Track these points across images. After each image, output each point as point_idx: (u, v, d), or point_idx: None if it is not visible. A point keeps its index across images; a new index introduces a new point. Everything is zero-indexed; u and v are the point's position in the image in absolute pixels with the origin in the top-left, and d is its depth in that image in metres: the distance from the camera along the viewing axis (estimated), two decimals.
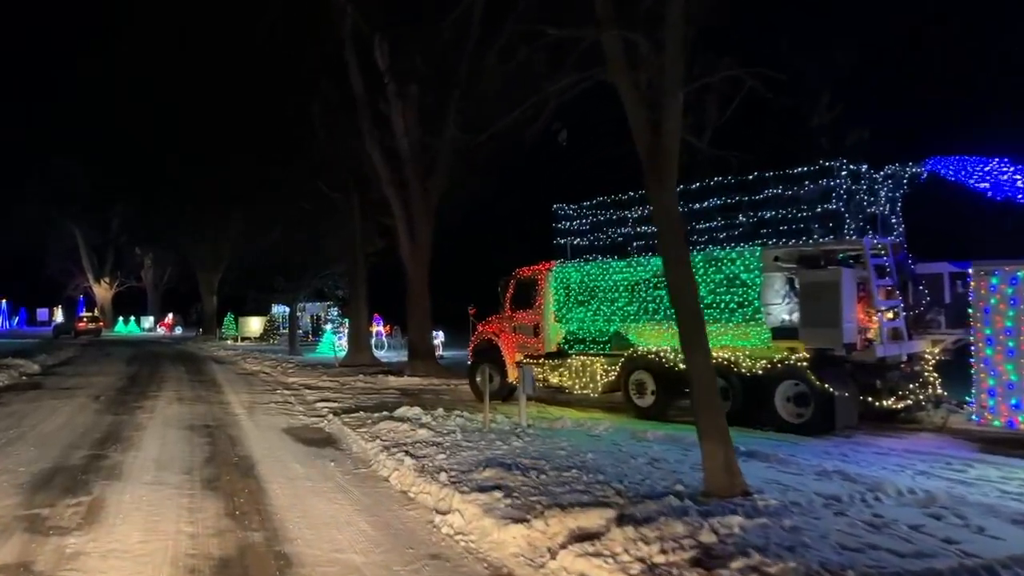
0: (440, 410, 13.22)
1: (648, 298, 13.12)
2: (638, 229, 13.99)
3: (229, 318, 49.57)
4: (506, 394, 15.62)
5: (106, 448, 11.14)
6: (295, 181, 26.72)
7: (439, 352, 29.52)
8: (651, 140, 7.27)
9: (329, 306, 40.71)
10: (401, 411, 13.18)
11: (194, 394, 18.48)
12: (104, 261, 70.98)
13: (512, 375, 15.38)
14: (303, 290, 32.08)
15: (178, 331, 62.83)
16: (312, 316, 42.82)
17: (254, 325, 48.10)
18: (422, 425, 11.77)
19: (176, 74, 29.76)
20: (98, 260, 70.77)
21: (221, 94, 26.92)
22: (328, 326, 34.67)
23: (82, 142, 55.65)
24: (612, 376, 13.43)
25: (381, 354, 30.31)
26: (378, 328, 32.16)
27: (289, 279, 31.55)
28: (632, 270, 13.45)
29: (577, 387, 13.79)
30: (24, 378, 23.02)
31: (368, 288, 25.99)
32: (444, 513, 7.38)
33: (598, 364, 13.63)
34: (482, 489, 7.65)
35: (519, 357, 15.42)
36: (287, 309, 43.62)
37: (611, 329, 13.81)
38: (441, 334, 29.37)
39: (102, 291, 71.11)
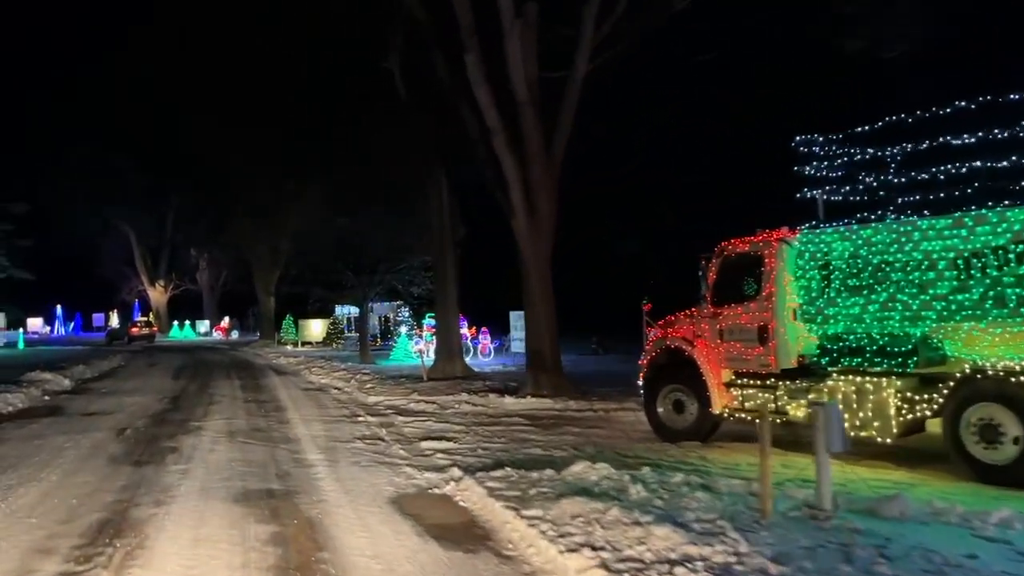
0: (646, 471, 8.11)
1: (1000, 280, 7.82)
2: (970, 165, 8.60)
3: (288, 321, 45.38)
4: (708, 431, 10.50)
5: (93, 559, 6.31)
6: (369, 155, 22.06)
7: None
8: None
9: (399, 306, 36.04)
10: (578, 470, 8.12)
11: (250, 424, 13.75)
12: (159, 263, 67.94)
13: (720, 402, 10.21)
14: (375, 287, 27.39)
15: (234, 335, 59.25)
16: (380, 317, 38.23)
17: (315, 328, 43.85)
18: (637, 506, 6.69)
19: (230, 43, 25.54)
20: (152, 262, 67.76)
21: (282, 55, 22.42)
22: (402, 329, 29.95)
23: (135, 136, 52.55)
24: (923, 410, 8.17)
25: (470, 362, 25.51)
26: (464, 331, 27.25)
27: (359, 274, 26.88)
28: (966, 234, 8.13)
29: (852, 426, 8.52)
30: (46, 399, 18.70)
31: (459, 284, 21.09)
32: None
33: (892, 390, 8.38)
34: None
35: (729, 375, 10.25)
36: (351, 310, 39.19)
37: (917, 332, 8.51)
38: None
39: (157, 294, 68.08)
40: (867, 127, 9.62)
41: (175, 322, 65.14)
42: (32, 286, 64.72)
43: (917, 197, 9.30)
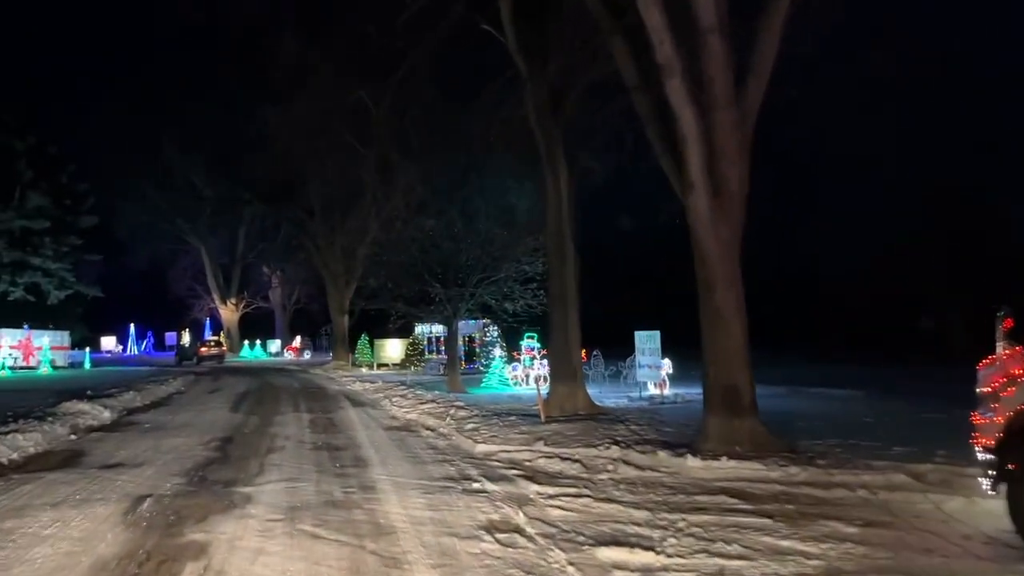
0: None
1: None
2: None
3: (363, 341, 41.73)
4: None
5: None
6: (468, 135, 17.99)
7: (664, 390, 19.80)
8: None
9: (486, 325, 31.73)
10: None
11: (320, 493, 9.47)
12: (230, 280, 65.60)
13: None
14: (466, 302, 23.13)
15: (306, 356, 56.08)
16: (464, 338, 33.98)
17: (393, 349, 40.03)
18: None
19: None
20: (224, 279, 65.47)
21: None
22: (495, 352, 25.57)
23: (206, 144, 50.37)
24: None
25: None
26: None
27: (448, 287, 22.66)
28: None
29: None
30: (72, 438, 14.92)
31: (581, 298, 16.58)
32: None
33: None
34: None
35: None
36: (432, 329, 35.12)
37: None
38: (666, 362, 19.63)
39: (228, 313, 65.73)
40: None
41: (246, 341, 62.49)
42: (105, 304, 63.41)
43: None
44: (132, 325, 73.03)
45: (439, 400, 20.30)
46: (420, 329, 36.11)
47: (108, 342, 72.99)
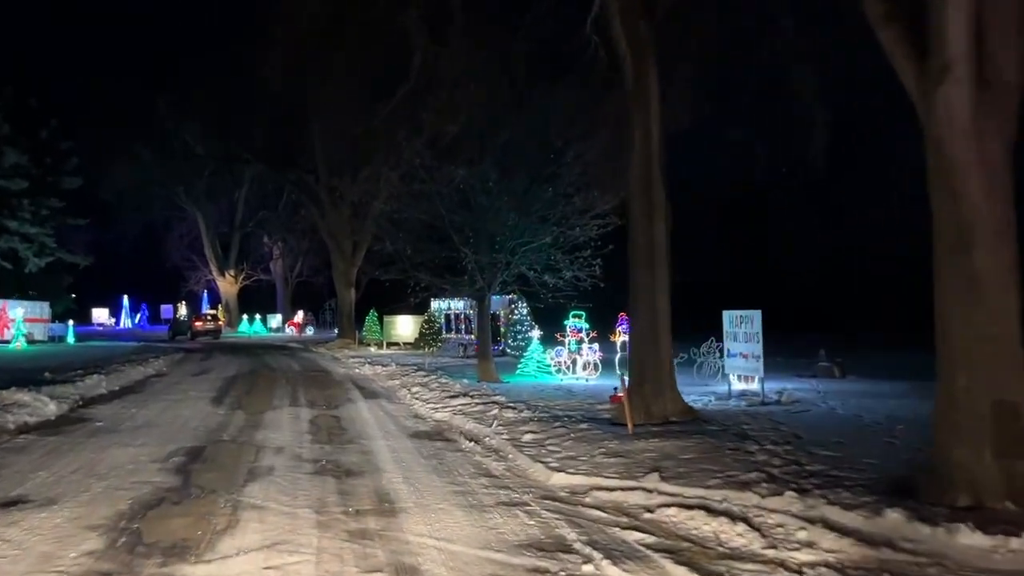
0: None
1: None
2: None
3: (372, 317, 37.71)
4: None
5: None
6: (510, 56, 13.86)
7: (751, 384, 15.78)
8: None
9: (513, 301, 27.67)
10: None
11: None
12: (229, 251, 61.43)
13: None
14: (502, 273, 18.97)
15: (309, 332, 52.12)
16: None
17: (404, 327, 36.03)
18: None
19: None
20: (222, 250, 61.29)
21: None
22: (533, 333, 21.42)
23: (201, 100, 46.19)
24: None
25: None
26: (627, 335, 18.63)
27: (479, 253, 18.50)
28: None
29: None
30: None
31: (671, 269, 12.43)
32: None
33: None
34: None
35: None
36: (450, 305, 31.08)
37: None
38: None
39: (226, 285, 61.65)
40: None
41: (244, 316, 58.49)
42: (97, 274, 59.44)
43: None
44: (125, 297, 69.14)
45: (472, 392, 16.30)
46: (436, 305, 32.07)
47: (100, 314, 69.23)
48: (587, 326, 19.80)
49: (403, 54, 21.24)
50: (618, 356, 19.02)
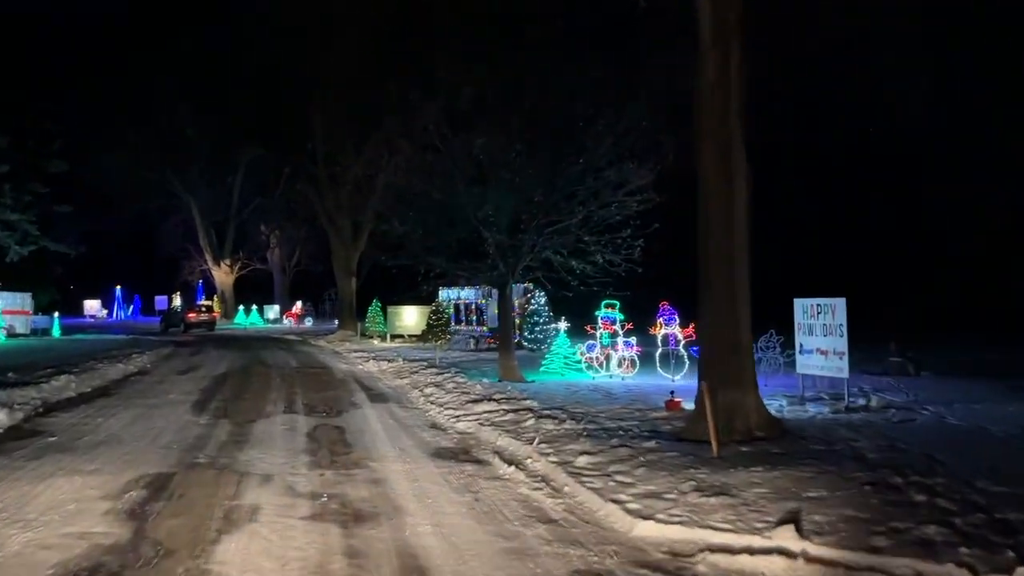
0: None
1: None
2: None
3: (375, 308, 35.36)
4: None
5: None
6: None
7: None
8: None
9: (529, 290, 25.38)
10: None
11: None
12: (224, 240, 58.93)
13: None
14: (527, 256, 16.58)
15: (308, 323, 49.84)
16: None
17: (409, 318, 33.70)
18: None
19: None
20: (218, 239, 58.78)
21: None
22: (560, 325, 18.99)
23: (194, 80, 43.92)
24: None
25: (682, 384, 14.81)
26: (670, 328, 16.33)
27: (501, 234, 16.12)
28: None
29: None
30: None
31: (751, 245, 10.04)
32: None
33: None
34: None
35: None
36: (460, 294, 28.80)
37: None
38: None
39: (222, 275, 59.21)
40: None
41: (241, 307, 56.08)
42: (90, 265, 57.06)
43: None
44: (118, 288, 66.76)
45: (496, 395, 13.98)
46: (445, 295, 29.74)
47: (92, 306, 66.84)
48: (622, 317, 17.48)
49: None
50: (659, 351, 16.71)
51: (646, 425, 10.84)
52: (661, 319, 16.43)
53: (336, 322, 41.86)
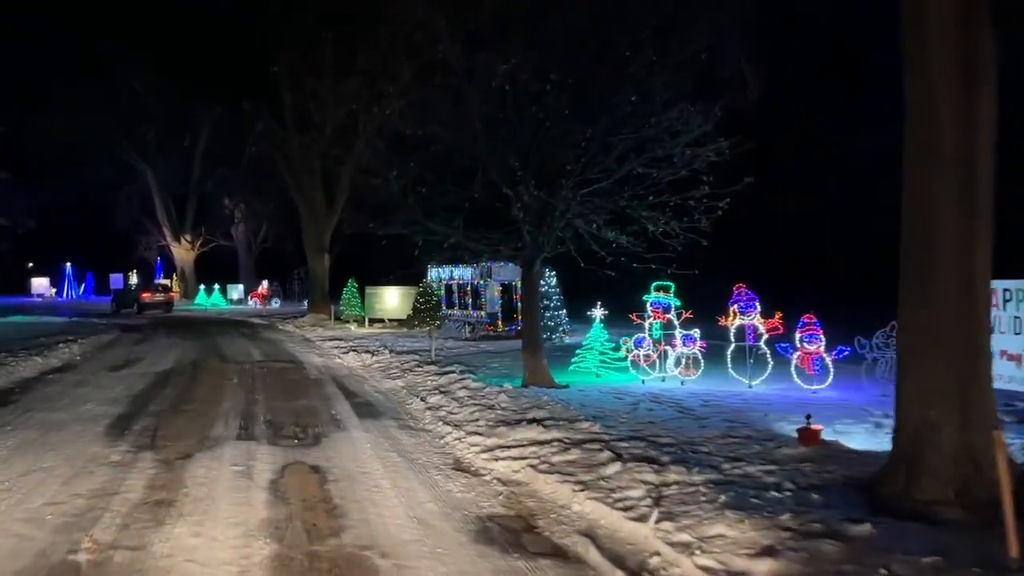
0: None
1: None
2: None
3: (350, 289, 31.24)
4: None
5: None
6: None
7: None
8: None
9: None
10: None
11: None
12: (184, 213, 54.12)
13: None
14: (559, 222, 12.63)
15: (275, 305, 45.49)
16: (498, 287, 23.61)
17: (391, 300, 29.67)
18: None
19: None
20: (177, 212, 53.93)
21: None
22: (596, 313, 15.01)
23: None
24: None
25: (770, 392, 11.17)
26: (747, 317, 12.57)
27: (528, 194, 12.17)
28: None
29: None
30: None
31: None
32: None
33: None
34: None
35: None
36: (452, 273, 24.90)
37: None
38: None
39: (182, 252, 54.48)
40: None
41: (202, 286, 51.47)
42: (38, 240, 52.01)
43: None
44: (69, 265, 61.68)
45: (530, 410, 10.14)
46: (435, 273, 25.78)
47: (40, 284, 61.80)
48: (677, 303, 13.69)
49: None
50: (731, 348, 12.96)
51: (787, 472, 7.08)
52: (735, 306, 12.68)
53: (306, 304, 37.69)
